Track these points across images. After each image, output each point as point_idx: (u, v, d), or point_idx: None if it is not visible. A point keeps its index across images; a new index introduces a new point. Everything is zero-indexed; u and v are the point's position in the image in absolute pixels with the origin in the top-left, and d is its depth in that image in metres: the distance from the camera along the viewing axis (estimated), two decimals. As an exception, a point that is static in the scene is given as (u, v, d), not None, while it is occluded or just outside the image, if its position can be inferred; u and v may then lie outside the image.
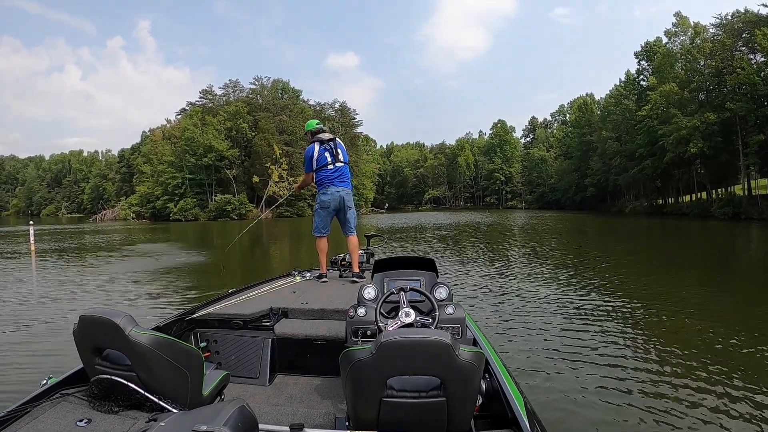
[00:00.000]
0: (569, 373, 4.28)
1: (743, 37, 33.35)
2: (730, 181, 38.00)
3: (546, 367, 4.44)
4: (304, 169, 4.71)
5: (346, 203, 4.60)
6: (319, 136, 4.59)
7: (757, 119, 31.07)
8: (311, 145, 4.58)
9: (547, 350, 4.93)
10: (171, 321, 2.87)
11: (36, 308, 7.44)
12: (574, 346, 5.01)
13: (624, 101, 50.01)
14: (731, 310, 6.62)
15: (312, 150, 4.55)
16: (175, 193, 56.21)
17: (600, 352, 4.83)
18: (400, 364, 1.53)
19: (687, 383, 3.92)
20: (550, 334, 5.48)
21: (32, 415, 1.57)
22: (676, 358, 4.58)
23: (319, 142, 4.54)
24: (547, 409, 3.49)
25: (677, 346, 4.92)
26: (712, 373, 4.11)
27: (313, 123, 4.78)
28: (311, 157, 4.55)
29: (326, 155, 4.54)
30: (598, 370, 4.31)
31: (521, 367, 4.36)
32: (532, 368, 4.39)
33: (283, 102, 62.82)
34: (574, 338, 5.30)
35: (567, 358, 4.66)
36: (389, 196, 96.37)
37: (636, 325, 5.90)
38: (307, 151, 4.61)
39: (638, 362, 4.52)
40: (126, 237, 27.15)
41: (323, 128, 4.73)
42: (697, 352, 4.72)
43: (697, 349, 4.81)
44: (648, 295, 7.58)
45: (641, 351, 4.87)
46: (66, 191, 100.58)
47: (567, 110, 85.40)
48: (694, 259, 13.21)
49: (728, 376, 4.01)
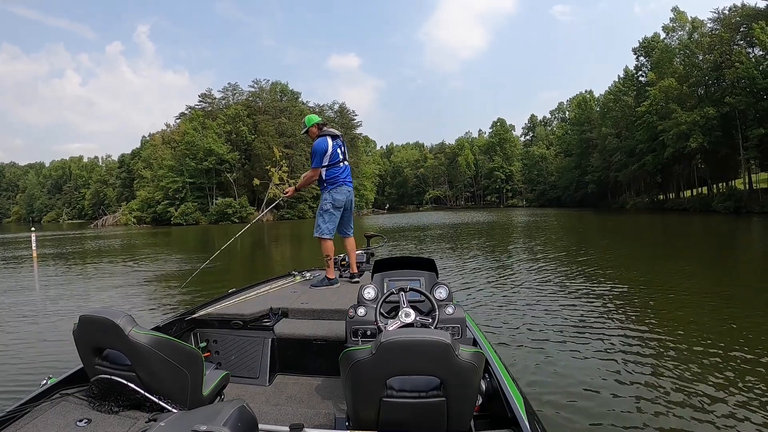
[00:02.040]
0: (570, 372, 4.26)
1: (741, 31, 33.34)
2: (730, 175, 37.95)
3: (546, 366, 4.43)
4: (313, 163, 4.24)
5: (352, 203, 4.50)
6: (329, 130, 4.30)
7: (757, 113, 31.07)
8: (322, 138, 4.21)
9: (548, 350, 4.92)
10: (171, 321, 2.87)
11: (37, 310, 7.48)
12: (575, 346, 4.99)
13: (623, 97, 49.95)
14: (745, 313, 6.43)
15: (325, 144, 4.18)
16: (176, 198, 56.30)
17: (600, 351, 4.82)
18: (400, 364, 1.53)
19: (687, 384, 3.90)
20: (551, 334, 5.46)
21: (32, 415, 1.58)
22: (677, 359, 4.55)
23: (331, 137, 4.24)
24: (547, 409, 3.49)
25: (677, 347, 4.89)
26: (718, 376, 4.06)
27: (315, 117, 4.43)
28: (324, 152, 4.17)
29: (338, 151, 4.29)
30: (599, 370, 4.29)
31: (521, 367, 4.35)
32: (532, 368, 4.38)
33: (283, 104, 62.86)
34: (575, 338, 5.28)
35: (567, 358, 4.64)
36: (390, 197, 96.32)
37: (637, 322, 5.87)
38: (319, 145, 4.18)
39: (639, 362, 4.50)
40: (127, 242, 27.19)
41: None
42: (697, 353, 4.68)
43: (697, 350, 4.78)
44: (652, 293, 7.56)
45: (642, 350, 4.84)
46: (67, 197, 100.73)
47: (566, 107, 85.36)
48: (700, 253, 13.17)
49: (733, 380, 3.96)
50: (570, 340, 5.18)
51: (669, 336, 5.23)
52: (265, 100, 63.34)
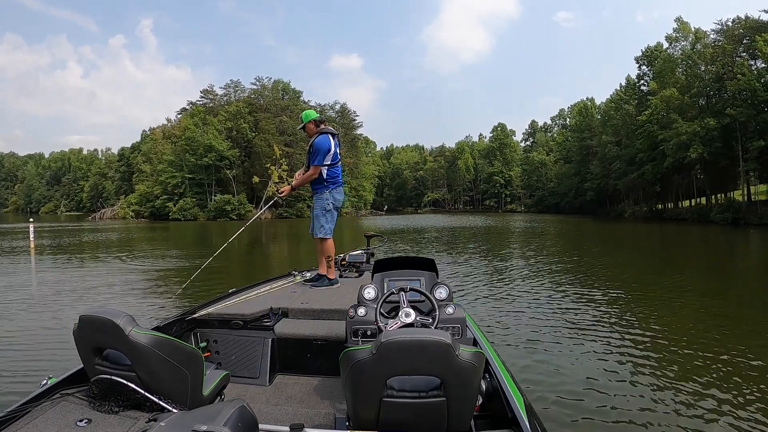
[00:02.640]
0: (570, 372, 4.29)
1: (744, 43, 33.48)
2: (729, 186, 38.05)
3: (546, 366, 4.45)
4: (314, 161, 4.03)
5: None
6: (328, 128, 4.13)
7: (757, 125, 31.18)
8: (324, 135, 4.04)
9: (548, 350, 4.95)
10: (171, 321, 2.86)
11: (35, 308, 7.42)
12: (575, 345, 5.02)
13: (624, 106, 50.07)
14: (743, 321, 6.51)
15: (328, 142, 4.02)
16: (175, 193, 56.18)
17: (600, 352, 4.85)
18: (400, 364, 1.52)
19: (687, 385, 3.94)
20: (551, 334, 5.50)
21: (32, 415, 1.57)
22: (675, 360, 4.58)
23: (331, 134, 4.09)
24: (547, 409, 3.49)
25: (674, 349, 4.93)
26: (714, 378, 4.11)
27: (313, 112, 4.24)
28: (328, 150, 4.00)
29: (338, 151, 4.14)
30: (599, 370, 4.33)
31: (521, 367, 4.36)
32: (532, 368, 4.40)
33: (284, 103, 62.82)
34: (575, 338, 5.32)
35: (567, 358, 4.67)
36: (388, 198, 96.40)
37: (635, 325, 5.89)
38: (322, 142, 4.00)
39: (638, 363, 4.53)
40: (126, 236, 27.12)
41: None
42: (695, 355, 4.72)
43: (694, 352, 4.81)
44: (648, 298, 7.58)
45: (640, 352, 4.87)
46: (65, 189, 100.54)
47: (567, 114, 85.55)
48: (697, 263, 13.21)
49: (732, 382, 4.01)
50: (570, 341, 5.22)
51: (665, 338, 5.28)
52: (266, 98, 63.30)
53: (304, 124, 4.18)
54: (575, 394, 3.81)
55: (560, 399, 3.72)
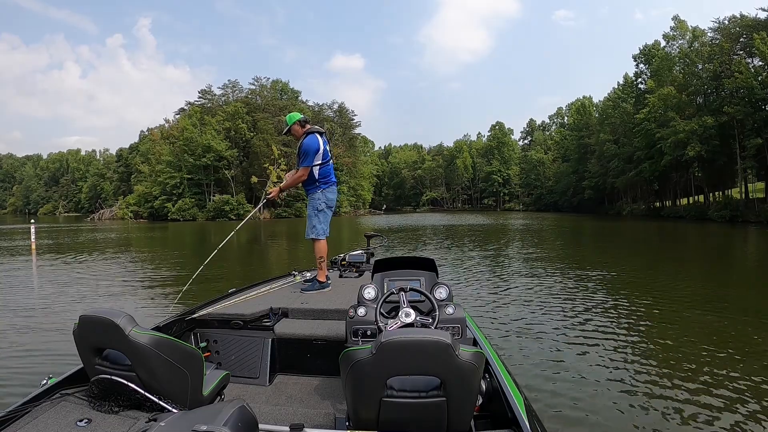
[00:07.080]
0: (570, 372, 4.30)
1: (741, 41, 33.55)
2: (727, 184, 38.18)
3: (546, 366, 4.46)
4: (304, 162, 3.97)
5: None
6: (315, 127, 4.06)
7: (755, 123, 31.26)
8: (312, 136, 3.98)
9: (548, 350, 4.95)
10: (171, 321, 2.86)
11: (36, 308, 7.41)
12: (575, 346, 5.02)
13: (622, 104, 50.15)
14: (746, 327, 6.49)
15: (317, 142, 3.95)
16: (173, 193, 56.05)
17: (601, 351, 4.85)
18: (400, 364, 1.53)
19: (685, 384, 3.94)
20: (551, 334, 5.50)
21: (32, 415, 1.57)
22: (675, 359, 4.59)
23: (319, 134, 4.02)
24: (547, 409, 3.50)
25: (675, 347, 4.94)
26: (716, 377, 4.11)
27: (297, 114, 4.15)
28: (317, 150, 3.95)
29: (327, 149, 4.08)
30: (599, 369, 4.33)
31: (521, 367, 4.37)
32: (532, 368, 4.40)
33: (282, 103, 62.71)
34: (575, 338, 5.32)
35: (567, 358, 4.67)
36: (387, 198, 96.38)
37: (635, 325, 5.90)
38: (311, 142, 3.94)
39: (639, 362, 4.54)
40: (125, 236, 27.06)
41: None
42: (697, 353, 4.72)
43: (694, 350, 4.82)
44: (650, 296, 7.60)
45: (641, 352, 4.88)
46: (63, 190, 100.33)
47: (565, 113, 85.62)
48: (695, 260, 13.24)
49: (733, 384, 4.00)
50: (570, 341, 5.22)
51: (665, 338, 5.29)
52: (265, 98, 63.23)
53: (289, 126, 4.11)
54: (575, 394, 3.82)
55: (560, 399, 3.72)
